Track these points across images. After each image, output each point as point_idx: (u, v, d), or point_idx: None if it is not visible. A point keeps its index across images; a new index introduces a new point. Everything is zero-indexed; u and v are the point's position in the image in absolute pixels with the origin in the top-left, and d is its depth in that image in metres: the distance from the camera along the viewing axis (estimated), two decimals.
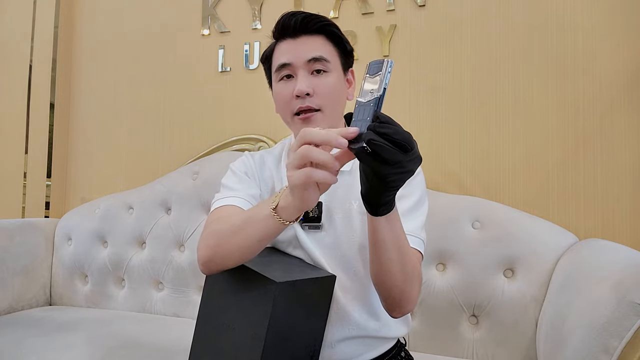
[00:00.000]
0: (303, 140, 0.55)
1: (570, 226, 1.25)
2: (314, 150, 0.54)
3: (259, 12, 1.72)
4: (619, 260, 0.85)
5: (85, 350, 1.17)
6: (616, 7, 1.29)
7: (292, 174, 0.56)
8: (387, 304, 0.78)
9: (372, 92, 0.53)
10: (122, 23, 1.98)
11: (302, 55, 0.83)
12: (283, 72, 0.85)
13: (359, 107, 0.55)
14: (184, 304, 1.53)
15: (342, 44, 0.88)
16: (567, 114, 1.32)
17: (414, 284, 0.75)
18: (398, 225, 0.70)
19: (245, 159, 0.95)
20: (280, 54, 0.86)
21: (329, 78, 0.84)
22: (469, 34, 1.44)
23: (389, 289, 0.75)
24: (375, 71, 0.54)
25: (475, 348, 1.19)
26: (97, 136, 1.99)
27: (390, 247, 0.69)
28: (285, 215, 0.63)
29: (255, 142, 1.66)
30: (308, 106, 0.82)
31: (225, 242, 0.72)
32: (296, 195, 0.58)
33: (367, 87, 0.54)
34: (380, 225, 0.67)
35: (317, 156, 0.54)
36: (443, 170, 1.43)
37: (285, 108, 0.86)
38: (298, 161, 0.55)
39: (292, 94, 0.82)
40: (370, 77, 0.54)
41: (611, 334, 0.70)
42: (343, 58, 0.89)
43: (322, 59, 0.83)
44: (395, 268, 0.72)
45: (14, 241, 1.62)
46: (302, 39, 0.84)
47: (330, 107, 0.84)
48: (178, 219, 1.58)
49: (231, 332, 0.78)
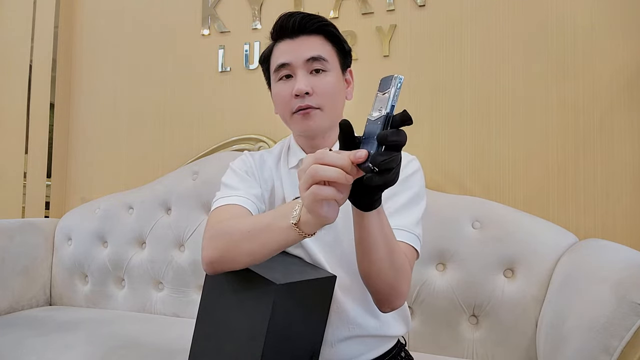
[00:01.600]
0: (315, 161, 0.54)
1: (570, 226, 1.25)
2: (321, 168, 0.53)
3: (259, 12, 1.72)
4: (619, 260, 0.85)
5: (85, 350, 1.17)
6: (616, 7, 1.29)
7: (304, 195, 0.55)
8: (377, 299, 0.78)
9: (380, 110, 0.53)
10: (122, 23, 1.98)
11: (301, 54, 0.83)
12: (282, 72, 0.85)
13: (369, 125, 0.55)
14: (184, 304, 1.53)
15: (340, 44, 0.89)
16: (567, 114, 1.32)
17: (403, 280, 0.75)
18: (386, 220, 0.70)
19: (245, 158, 0.95)
20: (279, 54, 0.86)
21: (328, 77, 0.84)
22: (469, 34, 1.44)
23: (378, 285, 0.75)
24: (385, 87, 0.54)
25: (475, 348, 1.19)
26: (97, 136, 1.99)
27: (379, 243, 0.69)
28: (307, 229, 0.63)
29: (255, 142, 1.66)
30: (307, 105, 0.82)
31: (235, 246, 0.71)
32: (314, 213, 0.57)
33: (377, 104, 0.54)
34: (369, 220, 0.67)
35: (325, 174, 0.53)
36: (443, 170, 1.43)
37: (284, 107, 0.86)
38: (307, 181, 0.54)
39: (292, 94, 0.83)
40: (381, 94, 0.54)
41: (611, 334, 0.70)
42: (341, 58, 0.89)
43: (320, 58, 0.84)
44: (384, 264, 0.71)
45: (14, 241, 1.62)
46: (300, 39, 0.85)
47: (329, 106, 0.84)
48: (178, 219, 1.58)
49: (231, 333, 0.78)
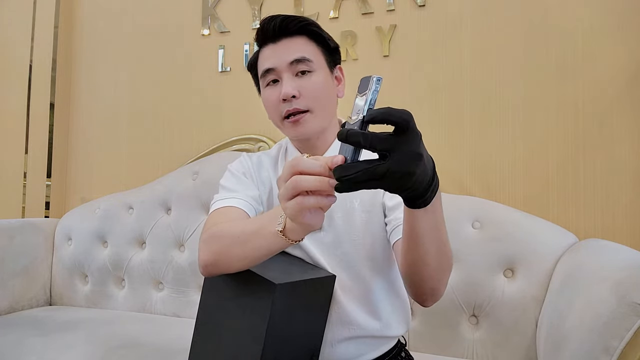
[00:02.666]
0: (293, 170, 0.52)
1: (570, 226, 1.25)
2: (303, 179, 0.51)
3: (259, 12, 1.72)
4: (619, 260, 0.85)
5: (85, 350, 1.17)
6: (616, 7, 1.29)
7: (286, 206, 0.53)
8: (418, 295, 0.74)
9: (358, 113, 0.51)
10: (122, 23, 1.98)
11: (284, 58, 0.82)
12: (268, 78, 0.85)
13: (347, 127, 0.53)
14: (184, 304, 1.53)
15: (324, 42, 0.87)
16: (567, 114, 1.32)
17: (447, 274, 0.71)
18: (438, 216, 0.64)
19: (243, 160, 0.95)
20: (264, 60, 0.85)
21: (314, 78, 0.83)
22: (469, 34, 1.44)
23: (423, 283, 0.71)
24: (364, 89, 0.52)
25: (475, 348, 1.19)
26: (97, 136, 1.99)
27: (427, 241, 0.65)
28: (293, 236, 0.62)
29: (255, 142, 1.66)
30: (295, 108, 0.81)
31: (227, 251, 0.72)
32: (297, 222, 0.55)
33: (355, 107, 0.52)
34: (416, 218, 0.62)
35: (308, 185, 0.51)
36: (443, 170, 1.42)
37: (274, 113, 0.85)
38: (289, 192, 0.52)
39: (279, 98, 0.82)
40: (360, 96, 0.53)
41: (611, 334, 0.70)
42: (328, 56, 0.87)
43: (304, 59, 0.83)
44: (431, 262, 0.67)
45: (14, 241, 1.62)
46: (282, 42, 0.84)
47: (319, 107, 0.83)
48: (178, 219, 1.58)
49: (231, 332, 0.78)
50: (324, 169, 0.50)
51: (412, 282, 0.72)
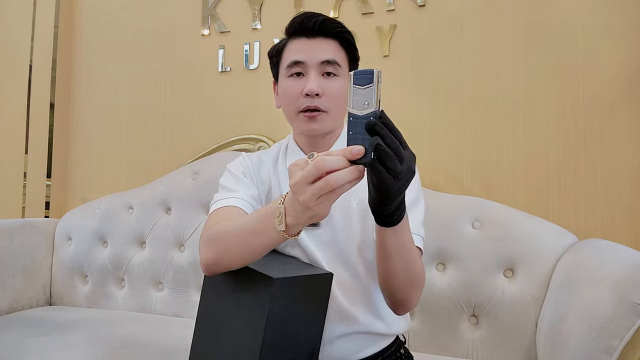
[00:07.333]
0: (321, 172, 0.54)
1: (570, 226, 1.25)
2: (337, 177, 0.53)
3: (259, 12, 1.72)
4: (619, 260, 0.85)
5: (85, 350, 1.17)
6: (616, 7, 1.29)
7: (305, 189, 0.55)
8: (391, 304, 0.81)
9: (366, 105, 0.52)
10: (122, 23, 1.97)
11: (317, 55, 0.85)
12: (294, 69, 0.86)
13: (355, 121, 0.54)
14: (184, 304, 1.53)
15: (353, 52, 0.90)
16: (567, 114, 1.32)
17: (416, 292, 0.78)
18: (406, 237, 0.70)
19: (243, 159, 0.96)
20: (295, 51, 0.87)
21: (338, 82, 0.86)
22: (469, 33, 1.44)
23: (393, 293, 0.78)
24: (364, 82, 0.53)
25: (475, 348, 1.19)
26: (97, 136, 1.99)
27: (396, 257, 0.71)
28: (293, 231, 0.64)
29: (255, 142, 1.66)
30: (316, 106, 0.84)
31: (227, 250, 0.74)
32: (313, 209, 0.56)
33: (358, 98, 0.53)
34: (386, 236, 0.68)
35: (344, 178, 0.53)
36: (443, 170, 1.43)
37: (291, 104, 0.87)
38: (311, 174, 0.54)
39: (301, 92, 0.84)
40: (361, 89, 0.53)
41: (611, 334, 0.70)
42: (351, 65, 0.91)
43: (334, 62, 0.85)
44: (400, 275, 0.74)
45: (14, 241, 1.62)
46: (317, 40, 0.86)
47: (335, 109, 0.86)
48: (178, 219, 1.58)
49: (230, 331, 0.78)
50: (346, 162, 0.54)
51: (384, 290, 0.80)
